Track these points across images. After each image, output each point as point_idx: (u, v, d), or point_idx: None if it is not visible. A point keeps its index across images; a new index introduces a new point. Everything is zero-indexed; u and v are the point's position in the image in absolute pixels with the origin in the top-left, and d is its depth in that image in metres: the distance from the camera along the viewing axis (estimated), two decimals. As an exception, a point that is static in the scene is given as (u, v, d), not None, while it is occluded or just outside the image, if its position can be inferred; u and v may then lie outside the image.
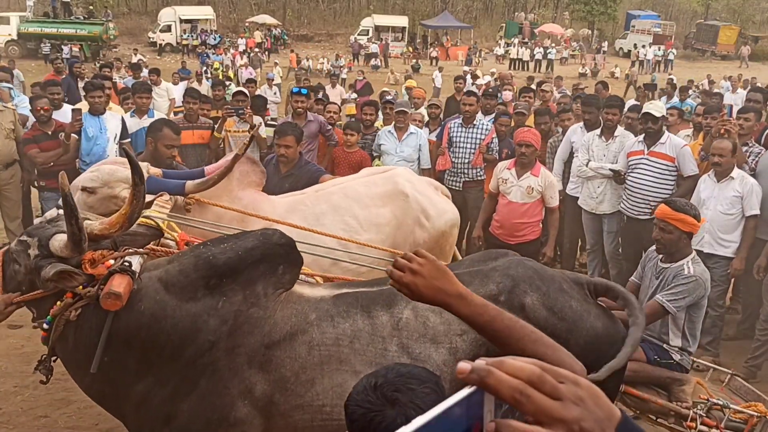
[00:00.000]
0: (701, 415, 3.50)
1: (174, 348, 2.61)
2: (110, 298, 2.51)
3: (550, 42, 41.09)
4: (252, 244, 2.73)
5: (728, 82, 19.39)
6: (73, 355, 2.76)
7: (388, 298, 2.74)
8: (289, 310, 2.69)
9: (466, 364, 0.78)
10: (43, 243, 2.68)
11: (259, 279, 2.70)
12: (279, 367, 2.59)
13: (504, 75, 16.73)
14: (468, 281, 2.72)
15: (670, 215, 3.87)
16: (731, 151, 5.41)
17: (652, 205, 6.19)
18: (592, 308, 2.86)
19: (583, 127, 7.12)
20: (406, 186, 4.46)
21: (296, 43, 44.52)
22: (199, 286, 2.63)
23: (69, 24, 35.35)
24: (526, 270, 2.84)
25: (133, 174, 2.72)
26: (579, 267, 7.89)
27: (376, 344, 2.62)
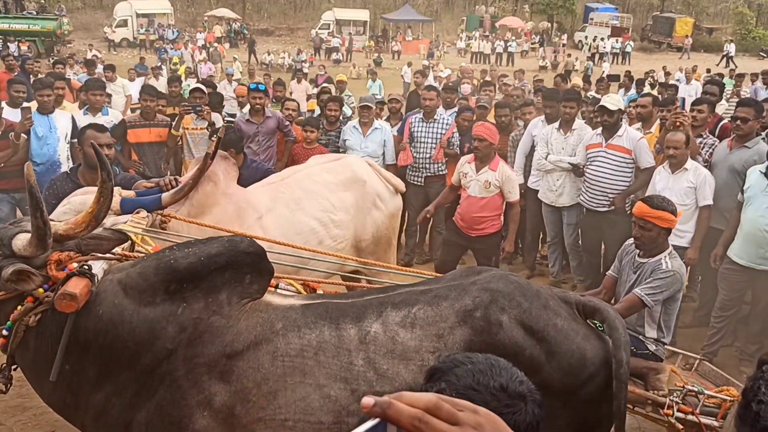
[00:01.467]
0: (678, 402, 3.56)
1: (131, 355, 2.52)
2: (65, 299, 2.43)
3: (510, 35, 41.38)
4: (216, 250, 2.62)
5: (682, 73, 19.78)
6: (33, 363, 2.67)
7: (359, 311, 2.65)
8: (254, 319, 2.59)
9: (370, 398, 0.83)
10: (5, 242, 2.61)
11: (224, 287, 2.60)
12: (241, 377, 2.49)
13: (465, 69, 16.79)
14: (444, 295, 2.68)
15: (648, 213, 3.91)
16: (685, 143, 5.51)
17: (610, 197, 6.30)
18: (581, 328, 2.73)
19: (544, 121, 7.19)
20: (362, 172, 4.87)
21: (257, 37, 44.06)
22: (159, 290, 2.54)
23: (21, 19, 34.38)
24: (508, 285, 2.71)
25: (101, 170, 2.67)
26: (540, 259, 7.98)
27: (342, 357, 2.53)
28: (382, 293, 2.83)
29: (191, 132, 7.31)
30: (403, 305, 2.66)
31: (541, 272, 7.77)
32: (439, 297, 2.68)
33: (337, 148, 7.44)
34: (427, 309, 2.63)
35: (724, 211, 5.66)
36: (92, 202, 2.67)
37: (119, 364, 2.54)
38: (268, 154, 7.16)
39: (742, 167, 5.64)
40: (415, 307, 2.65)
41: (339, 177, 4.73)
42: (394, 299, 2.71)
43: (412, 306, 2.65)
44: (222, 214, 3.95)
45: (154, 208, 3.62)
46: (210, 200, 3.95)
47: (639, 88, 13.51)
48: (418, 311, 2.63)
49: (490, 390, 1.40)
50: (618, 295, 4.22)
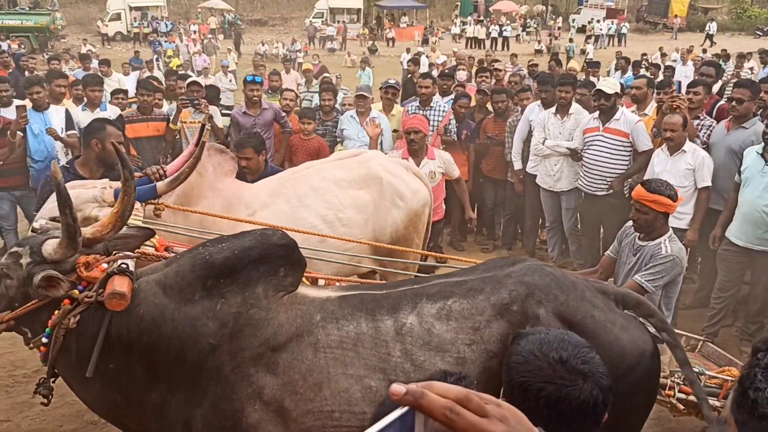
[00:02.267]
0: (679, 383, 3.60)
1: (177, 353, 2.55)
2: (115, 298, 2.47)
3: (505, 19, 41.23)
4: (250, 243, 2.65)
5: (678, 54, 19.72)
6: (75, 366, 2.67)
7: (394, 302, 2.66)
8: (293, 312, 2.62)
9: (401, 386, 0.84)
10: (35, 250, 2.63)
11: (259, 280, 2.62)
12: (287, 369, 2.53)
13: (459, 55, 16.74)
14: (479, 288, 2.68)
15: (644, 197, 3.92)
16: (682, 125, 5.52)
17: (608, 180, 6.32)
18: (618, 318, 2.70)
19: (540, 106, 7.19)
20: (380, 170, 4.59)
21: (250, 28, 43.86)
22: (197, 287, 2.56)
23: (14, 15, 34.21)
24: (544, 277, 2.69)
25: (123, 169, 2.68)
26: (540, 244, 8.01)
27: (379, 349, 2.55)
28: (417, 284, 2.84)
29: (189, 125, 7.30)
30: (438, 297, 2.67)
31: (541, 257, 7.78)
32: (474, 290, 2.68)
33: (335, 137, 7.45)
34: (463, 302, 2.64)
35: (723, 192, 5.68)
36: (117, 201, 2.69)
37: (167, 363, 2.57)
38: (266, 146, 7.15)
39: (739, 148, 5.66)
40: (450, 300, 2.65)
41: (353, 174, 4.56)
42: (428, 290, 2.72)
43: (447, 298, 2.66)
44: (208, 208, 3.90)
45: (149, 198, 3.62)
46: (195, 192, 3.90)
47: (635, 70, 13.47)
48: (454, 304, 2.64)
49: (548, 360, 1.48)
50: (616, 275, 4.24)
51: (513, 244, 8.06)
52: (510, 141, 7.46)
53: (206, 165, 3.96)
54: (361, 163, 4.63)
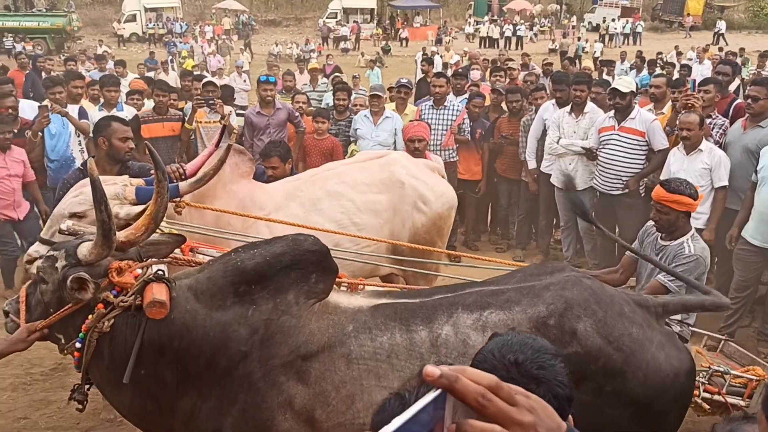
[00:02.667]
0: (703, 383, 3.58)
1: (207, 359, 2.54)
2: (155, 306, 2.45)
3: (519, 18, 41.09)
4: (281, 249, 2.62)
5: (695, 53, 19.59)
6: (108, 371, 2.66)
7: (429, 312, 2.62)
8: (325, 321, 2.59)
9: (435, 369, 0.84)
10: (70, 252, 2.63)
11: (291, 287, 2.59)
12: (319, 380, 2.49)
13: (473, 54, 16.72)
14: (516, 299, 2.64)
15: (665, 197, 3.88)
16: (699, 124, 5.48)
17: (624, 180, 6.28)
18: (656, 336, 2.64)
19: (555, 104, 7.17)
20: (402, 174, 4.50)
21: (264, 28, 44.03)
22: (228, 293, 2.55)
23: (31, 17, 34.58)
24: (582, 291, 2.62)
25: (157, 170, 2.66)
26: (554, 243, 7.98)
27: (414, 360, 2.50)
28: (452, 293, 2.80)
29: (204, 125, 7.35)
30: (474, 307, 2.63)
31: (555, 257, 7.77)
32: (511, 301, 2.64)
33: (348, 137, 7.46)
34: (500, 313, 2.60)
35: (739, 191, 5.63)
36: (150, 202, 2.67)
37: (197, 369, 2.56)
38: (280, 146, 7.18)
39: (756, 147, 5.60)
40: (486, 311, 2.61)
41: (373, 177, 4.47)
42: (464, 300, 2.68)
43: (483, 309, 2.62)
44: (221, 217, 3.87)
45: (172, 197, 3.57)
46: (210, 192, 3.87)
47: (651, 68, 13.40)
48: (490, 315, 2.60)
49: (504, 361, 1.46)
50: (638, 275, 4.20)
51: (527, 243, 8.03)
52: (524, 140, 7.44)
53: (224, 166, 3.90)
54: (384, 167, 4.56)
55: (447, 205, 4.67)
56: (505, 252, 7.90)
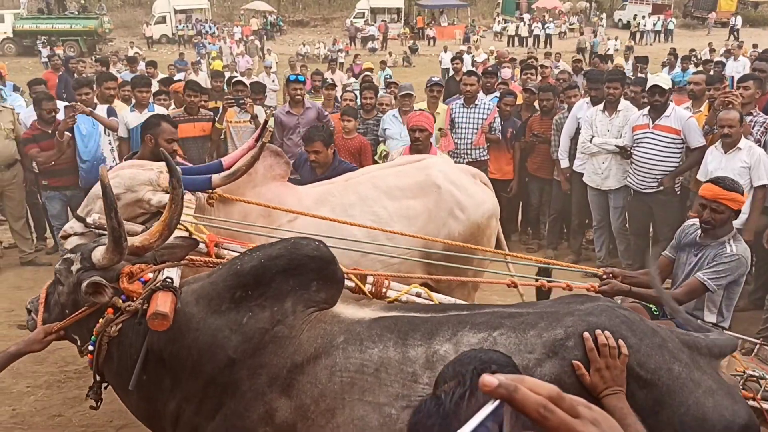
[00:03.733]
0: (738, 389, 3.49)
1: (194, 363, 2.51)
2: (157, 318, 2.41)
3: (548, 16, 40.73)
4: (277, 252, 2.52)
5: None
6: (118, 375, 2.67)
7: (433, 327, 2.42)
8: (316, 331, 2.46)
9: (492, 378, 0.80)
10: (85, 256, 2.64)
11: (289, 294, 2.49)
12: (300, 392, 2.39)
13: (501, 53, 16.61)
14: (533, 322, 2.38)
15: (722, 195, 3.73)
16: (739, 121, 5.36)
17: (658, 178, 6.17)
18: (705, 380, 2.28)
19: (589, 103, 7.07)
20: (439, 177, 4.25)
21: (292, 29, 44.25)
22: (225, 298, 2.49)
23: (64, 19, 35.16)
24: (613, 318, 2.31)
25: (171, 177, 2.63)
26: (586, 244, 7.87)
27: (404, 377, 2.32)
28: (466, 310, 2.61)
29: (234, 125, 7.38)
30: (483, 327, 2.40)
31: (588, 257, 7.66)
32: (527, 324, 2.38)
33: (376, 136, 7.43)
34: (511, 335, 2.34)
35: (779, 190, 5.49)
36: (165, 210, 2.65)
37: (184, 372, 2.54)
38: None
39: (796, 145, 5.46)
40: (497, 331, 2.37)
41: (408, 181, 4.22)
42: (475, 319, 2.46)
43: (494, 329, 2.38)
44: (247, 210, 3.81)
45: (204, 189, 3.60)
46: (240, 191, 3.82)
47: (684, 65, 13.17)
48: (500, 336, 2.35)
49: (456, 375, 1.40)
50: (675, 276, 4.09)
51: (559, 243, 7.93)
52: (556, 139, 7.35)
53: (257, 166, 3.83)
54: (420, 170, 4.31)
55: (487, 214, 4.35)
56: (536, 252, 7.80)
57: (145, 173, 3.55)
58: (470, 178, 4.51)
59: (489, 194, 4.50)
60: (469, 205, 4.25)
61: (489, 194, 4.50)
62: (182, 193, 2.67)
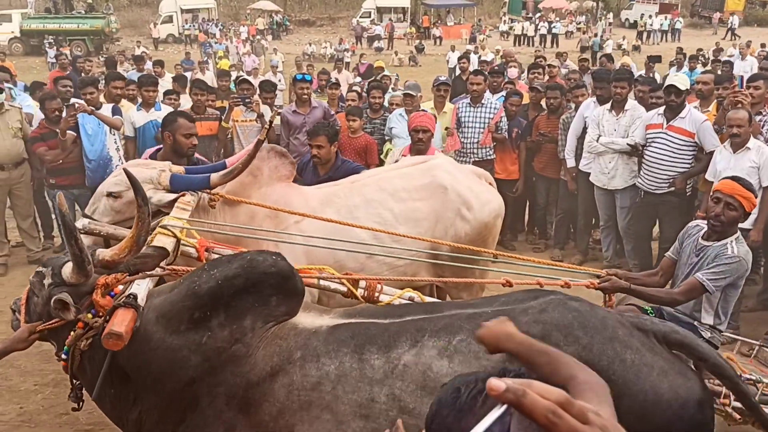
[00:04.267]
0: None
1: (154, 381, 2.52)
2: (111, 338, 2.39)
3: (554, 16, 40.63)
4: (234, 272, 2.48)
5: (736, 50, 19.13)
6: (89, 386, 2.73)
7: (391, 337, 2.39)
8: (272, 348, 2.44)
9: (500, 382, 0.79)
10: (56, 272, 2.68)
11: (248, 312, 2.48)
12: (259, 410, 2.38)
13: (507, 52, 16.58)
14: None
15: (740, 191, 3.67)
16: (748, 120, 5.32)
17: (669, 179, 6.14)
18: (658, 362, 2.33)
19: (596, 102, 7.04)
20: (445, 178, 4.24)
21: (298, 28, 44.26)
22: (184, 319, 2.47)
23: (71, 19, 35.23)
24: (565, 315, 2.35)
25: (136, 195, 2.67)
26: (593, 243, 7.84)
27: (362, 392, 2.30)
28: (426, 314, 2.55)
29: (241, 124, 7.38)
30: (443, 333, 2.38)
31: (595, 257, 7.64)
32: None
33: (383, 135, 7.42)
34: (471, 341, 2.31)
35: (789, 190, 5.45)
36: (132, 228, 2.69)
37: (146, 388, 2.56)
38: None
39: (806, 144, 5.42)
40: (456, 338, 2.36)
41: (414, 183, 4.20)
42: (435, 324, 2.43)
43: (453, 335, 2.37)
44: (253, 211, 3.79)
45: (202, 188, 3.60)
46: (245, 193, 3.80)
47: (692, 64, 13.11)
48: (460, 343, 2.33)
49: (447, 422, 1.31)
50: (676, 277, 4.05)
51: (565, 243, 7.90)
52: (563, 138, 7.32)
53: (262, 167, 3.84)
54: (426, 172, 4.29)
55: (493, 214, 4.36)
56: (543, 252, 7.78)
57: (146, 172, 3.56)
58: (476, 178, 4.52)
59: (494, 194, 4.51)
60: (475, 204, 4.25)
61: (494, 194, 4.51)
62: (148, 212, 2.69)
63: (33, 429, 4.52)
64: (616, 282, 3.57)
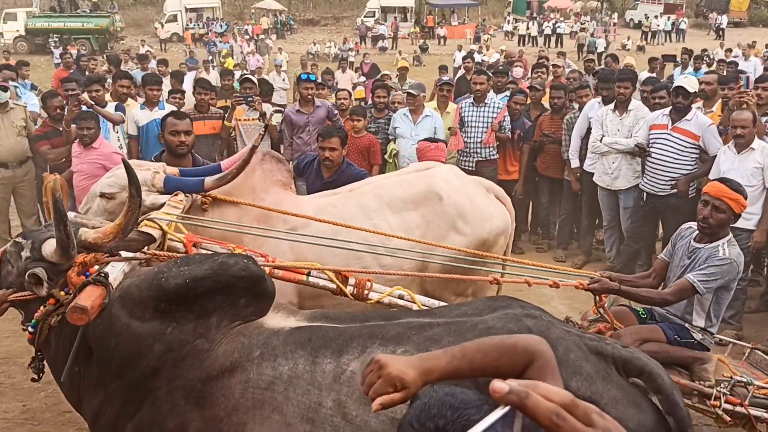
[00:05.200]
0: (725, 393, 3.42)
1: (117, 366, 2.51)
2: (75, 312, 2.38)
3: (558, 16, 40.56)
4: (204, 273, 2.47)
5: (739, 49, 19.06)
6: (53, 362, 2.75)
7: (344, 342, 2.37)
8: (234, 344, 2.44)
9: (503, 383, 0.78)
10: (36, 246, 2.68)
11: (216, 310, 2.48)
12: (214, 404, 2.38)
13: (509, 52, 16.55)
14: (438, 337, 2.32)
15: (727, 194, 3.65)
16: (752, 121, 5.30)
17: (672, 180, 6.12)
18: (608, 390, 2.22)
19: (600, 102, 7.03)
20: (443, 187, 4.02)
21: (302, 27, 44.26)
22: (149, 307, 2.46)
23: (76, 18, 35.34)
24: (514, 332, 2.24)
25: (130, 186, 2.69)
26: (596, 244, 7.82)
27: (311, 396, 2.29)
28: (382, 320, 2.52)
29: (243, 123, 7.38)
30: (390, 343, 2.34)
31: (598, 257, 7.62)
32: (432, 340, 2.31)
33: (387, 135, 7.42)
34: (414, 353, 2.20)
35: (793, 191, 5.43)
36: (121, 215, 2.70)
37: (109, 373, 2.55)
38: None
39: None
40: (401, 348, 2.30)
41: (410, 191, 4.00)
42: (386, 332, 2.39)
43: (399, 345, 2.32)
44: (243, 218, 3.70)
45: (196, 191, 3.59)
46: (236, 192, 3.75)
47: (696, 64, 13.07)
48: (403, 354, 2.24)
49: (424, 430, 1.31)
50: (668, 279, 4.02)
51: (569, 243, 7.89)
52: (567, 138, 7.31)
53: (255, 169, 3.78)
54: (424, 179, 4.08)
55: (495, 231, 4.06)
56: (546, 252, 7.77)
57: (140, 173, 3.53)
58: (482, 190, 4.25)
59: (501, 210, 4.21)
60: (474, 219, 4.01)
61: (501, 210, 4.21)
62: (139, 203, 2.71)
63: (36, 426, 4.53)
64: (605, 283, 3.54)
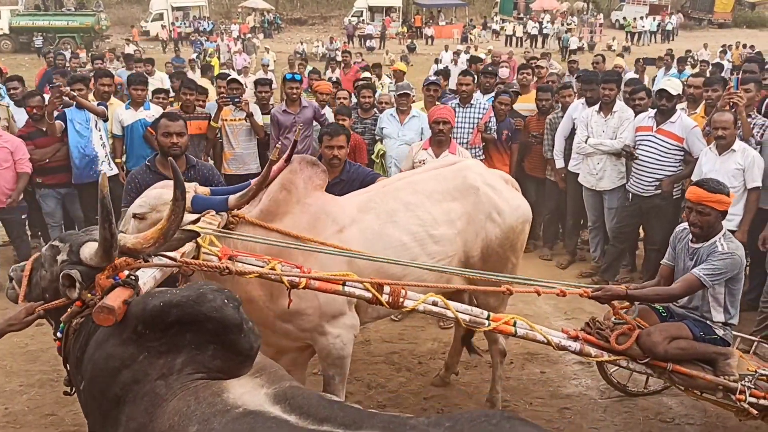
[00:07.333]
0: (750, 387, 3.50)
1: (89, 382, 2.40)
2: (102, 312, 2.28)
3: (546, 16, 40.72)
4: (177, 300, 2.28)
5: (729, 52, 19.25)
6: (74, 368, 2.62)
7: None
8: (182, 404, 2.16)
9: None
10: (74, 249, 2.58)
11: (184, 349, 2.27)
12: None
13: (495, 52, 16.59)
14: None
15: (706, 197, 3.73)
16: (733, 123, 5.36)
17: (657, 181, 6.17)
18: None
19: (584, 103, 7.06)
20: (477, 180, 4.23)
21: (290, 27, 44.16)
22: (128, 326, 2.31)
23: (60, 16, 35.08)
24: None
25: (176, 188, 2.57)
26: (581, 244, 7.87)
27: None
28: (344, 428, 2.02)
29: (230, 123, 7.36)
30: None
31: (582, 258, 7.67)
32: None
33: (374, 135, 7.42)
34: None
35: (773, 192, 5.49)
36: (164, 218, 2.59)
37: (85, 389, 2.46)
38: (306, 144, 7.16)
39: (792, 147, 5.46)
40: None
41: (447, 185, 4.18)
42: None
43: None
44: (293, 224, 3.70)
45: (220, 209, 3.51)
46: (281, 209, 3.72)
47: (680, 66, 13.17)
48: None
49: None
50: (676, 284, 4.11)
51: (554, 243, 7.93)
52: (549, 138, 7.35)
53: (296, 181, 3.76)
54: (457, 173, 4.27)
55: (521, 219, 4.34)
56: (532, 252, 7.80)
57: (169, 193, 3.49)
58: (504, 183, 4.49)
59: (522, 200, 4.48)
60: (505, 209, 4.24)
61: (522, 200, 4.48)
62: (183, 206, 2.60)
63: (18, 430, 4.49)
64: (610, 289, 3.62)
